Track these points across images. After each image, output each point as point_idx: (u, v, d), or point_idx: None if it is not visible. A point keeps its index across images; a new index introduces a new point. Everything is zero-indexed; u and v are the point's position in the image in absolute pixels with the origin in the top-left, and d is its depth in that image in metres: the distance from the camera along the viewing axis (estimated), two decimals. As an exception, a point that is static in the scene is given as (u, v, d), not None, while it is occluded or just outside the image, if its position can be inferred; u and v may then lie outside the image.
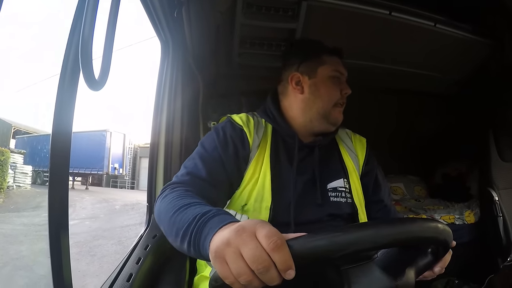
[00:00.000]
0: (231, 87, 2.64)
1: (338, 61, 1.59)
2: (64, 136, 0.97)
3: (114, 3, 0.98)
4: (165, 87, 2.01)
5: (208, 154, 1.36)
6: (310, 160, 1.50)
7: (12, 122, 26.34)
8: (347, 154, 1.62)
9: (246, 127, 1.47)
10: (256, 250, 0.68)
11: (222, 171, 1.35)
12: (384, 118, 2.99)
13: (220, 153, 1.37)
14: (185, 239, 0.88)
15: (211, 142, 1.41)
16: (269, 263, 0.67)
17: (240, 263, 0.68)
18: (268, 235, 0.69)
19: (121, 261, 1.45)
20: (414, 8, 2.07)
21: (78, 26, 0.89)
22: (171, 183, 1.25)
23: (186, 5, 1.74)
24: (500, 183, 2.60)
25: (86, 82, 0.87)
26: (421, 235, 0.81)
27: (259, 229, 0.71)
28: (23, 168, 18.57)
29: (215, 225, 0.80)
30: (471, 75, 2.70)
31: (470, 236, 2.71)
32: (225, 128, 1.46)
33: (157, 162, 2.01)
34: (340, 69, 1.56)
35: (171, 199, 1.08)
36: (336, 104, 1.52)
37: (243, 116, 1.53)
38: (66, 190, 1.01)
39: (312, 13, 1.98)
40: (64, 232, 1.00)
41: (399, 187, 3.39)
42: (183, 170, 1.32)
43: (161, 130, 2.01)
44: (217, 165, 1.34)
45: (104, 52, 0.95)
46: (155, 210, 1.16)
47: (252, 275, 0.68)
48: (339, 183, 1.50)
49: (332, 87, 1.52)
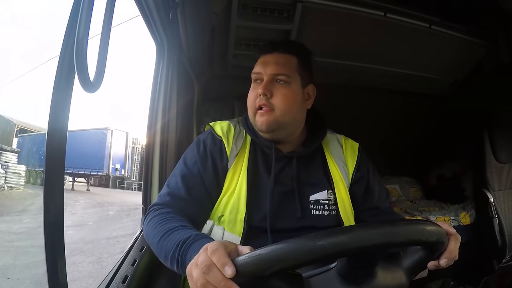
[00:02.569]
0: (226, 89, 2.64)
1: (263, 58, 1.46)
2: (59, 137, 0.96)
3: (109, 5, 0.98)
4: (160, 89, 2.01)
5: (188, 171, 1.37)
6: (289, 171, 1.44)
7: (15, 120, 25.74)
8: (334, 164, 1.52)
9: (225, 137, 1.43)
10: (203, 257, 0.81)
11: (202, 187, 1.34)
12: (379, 119, 3.00)
13: (199, 169, 1.36)
14: (174, 263, 1.01)
15: (192, 157, 1.41)
16: (210, 262, 0.79)
17: (196, 271, 0.81)
18: (211, 247, 0.82)
19: (117, 263, 1.45)
20: (409, 9, 2.08)
21: (73, 27, 0.89)
22: (155, 204, 1.31)
23: (182, 7, 1.73)
24: (495, 185, 2.60)
25: (81, 84, 0.87)
26: (351, 246, 0.76)
27: (210, 245, 0.83)
28: (16, 168, 17.84)
29: (195, 251, 0.90)
30: (466, 76, 2.71)
31: (465, 238, 2.68)
32: (206, 141, 1.43)
33: (152, 165, 2.01)
34: (257, 69, 1.45)
35: (155, 223, 1.17)
36: (255, 109, 1.40)
37: (225, 125, 1.49)
38: (61, 191, 1.01)
39: (307, 14, 1.99)
40: (59, 233, 1.00)
41: (395, 188, 3.39)
42: (165, 190, 1.35)
43: (156, 132, 2.01)
44: (196, 181, 1.34)
45: (99, 54, 0.95)
46: (144, 232, 1.27)
47: (204, 277, 0.79)
48: (322, 195, 1.43)
49: (251, 92, 1.45)
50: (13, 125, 25.06)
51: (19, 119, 27.00)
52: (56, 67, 0.94)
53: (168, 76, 2.02)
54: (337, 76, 2.32)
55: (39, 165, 23.22)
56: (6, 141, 22.41)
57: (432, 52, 2.39)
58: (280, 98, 1.37)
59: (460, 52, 2.44)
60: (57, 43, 1.05)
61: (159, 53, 2.03)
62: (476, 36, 2.34)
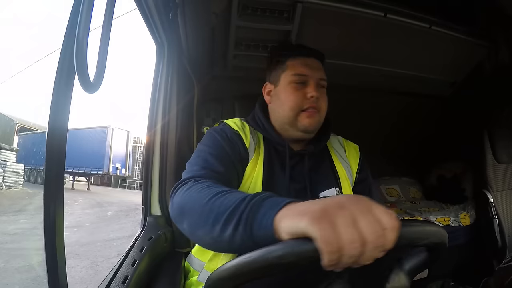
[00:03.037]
0: (226, 90, 2.64)
1: (303, 61, 1.48)
2: (59, 138, 0.96)
3: (109, 5, 0.98)
4: (160, 89, 2.01)
5: (217, 152, 1.32)
6: (301, 168, 1.47)
7: (16, 119, 25.67)
8: (339, 163, 1.58)
9: (242, 131, 1.45)
10: (375, 224, 0.65)
11: (232, 167, 1.33)
12: (378, 120, 3.00)
13: (228, 151, 1.34)
14: (230, 223, 0.84)
15: (215, 141, 1.37)
16: (385, 241, 0.65)
17: (354, 230, 0.63)
18: (388, 212, 0.68)
19: (117, 263, 1.45)
20: (409, 10, 2.08)
21: (73, 28, 0.89)
22: (188, 177, 1.17)
23: (182, 7, 1.73)
24: (495, 185, 2.61)
25: (81, 84, 0.87)
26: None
27: (374, 204, 0.68)
28: (14, 167, 17.82)
29: (275, 204, 0.77)
30: (466, 77, 2.71)
31: (465, 238, 2.72)
32: (225, 129, 1.43)
33: (152, 166, 2.00)
34: (303, 71, 1.46)
35: (200, 188, 1.03)
36: (301, 110, 1.43)
37: (237, 121, 1.51)
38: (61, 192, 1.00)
39: (307, 15, 1.99)
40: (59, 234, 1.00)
41: (395, 189, 3.39)
42: (195, 166, 1.26)
43: (156, 132, 2.00)
44: (228, 161, 1.32)
45: (99, 54, 0.95)
46: (175, 203, 1.10)
47: (362, 248, 0.63)
48: (331, 192, 1.47)
49: (293, 92, 1.44)
50: (14, 124, 24.96)
51: (20, 118, 27.04)
52: (56, 68, 0.94)
53: (168, 76, 2.02)
54: (337, 77, 2.30)
55: (39, 164, 23.28)
56: (7, 140, 22.33)
57: (432, 52, 2.39)
58: (323, 102, 1.46)
59: (460, 52, 2.44)
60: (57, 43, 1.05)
61: (159, 54, 2.02)
62: (476, 37, 2.34)
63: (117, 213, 13.56)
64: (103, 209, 14.56)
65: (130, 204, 16.26)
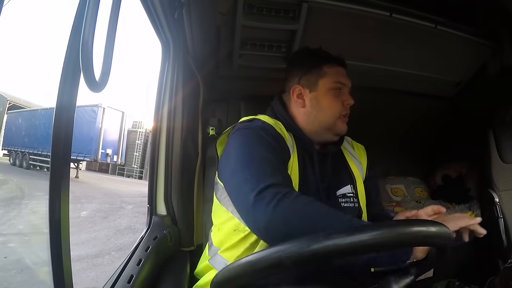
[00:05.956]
0: (231, 90, 2.64)
1: (341, 71, 1.58)
2: (65, 139, 0.97)
3: (115, 5, 0.98)
4: (165, 89, 2.01)
5: (275, 154, 1.31)
6: (325, 167, 1.51)
7: (8, 96, 23.53)
8: (352, 161, 1.65)
9: (279, 129, 1.45)
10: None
11: (285, 167, 1.37)
12: (384, 120, 2.99)
13: (279, 150, 1.36)
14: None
15: (265, 141, 1.34)
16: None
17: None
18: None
19: (122, 262, 1.45)
20: (414, 9, 2.08)
21: (78, 27, 0.89)
22: (276, 183, 1.18)
23: (187, 6, 1.73)
24: (500, 185, 2.60)
25: (86, 83, 0.87)
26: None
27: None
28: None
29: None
30: (471, 76, 2.70)
31: (470, 238, 2.71)
32: (266, 127, 1.40)
33: (158, 165, 2.00)
34: (342, 80, 1.55)
35: (307, 201, 1.12)
36: (339, 116, 1.52)
37: (268, 119, 1.48)
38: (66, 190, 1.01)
39: (313, 14, 1.99)
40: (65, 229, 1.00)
41: (400, 188, 3.38)
42: (268, 168, 1.25)
43: (161, 132, 2.01)
44: (283, 160, 1.36)
45: (105, 53, 0.96)
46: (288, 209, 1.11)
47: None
48: (347, 189, 1.53)
49: (334, 99, 1.52)
50: (5, 101, 22.80)
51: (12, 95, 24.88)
52: (62, 67, 0.94)
53: (174, 76, 2.02)
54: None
55: (26, 146, 21.24)
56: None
57: (438, 52, 2.39)
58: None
59: (465, 52, 2.43)
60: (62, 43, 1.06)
61: (165, 53, 2.02)
62: (482, 37, 2.33)
63: (94, 214, 10.72)
64: (77, 208, 11.07)
65: (116, 200, 13.47)
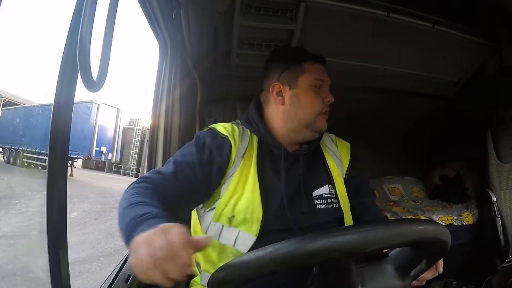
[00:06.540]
0: (229, 90, 2.64)
1: (320, 68, 1.55)
2: (62, 138, 0.97)
3: (112, 4, 0.98)
4: (163, 89, 2.00)
5: (181, 158, 1.37)
6: (295, 169, 1.49)
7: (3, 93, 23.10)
8: (331, 159, 1.61)
9: (231, 136, 1.44)
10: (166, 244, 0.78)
11: (190, 171, 1.34)
12: (382, 119, 3.00)
13: (193, 158, 1.37)
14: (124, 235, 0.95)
15: (188, 147, 1.42)
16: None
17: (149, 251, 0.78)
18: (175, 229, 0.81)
19: (119, 262, 1.45)
20: (412, 9, 2.08)
21: (76, 27, 0.89)
22: (143, 176, 1.29)
23: (185, 6, 1.73)
24: (498, 184, 2.60)
25: (84, 83, 0.87)
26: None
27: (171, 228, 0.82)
28: None
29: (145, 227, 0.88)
30: (470, 76, 2.71)
31: (468, 237, 2.72)
32: (205, 136, 1.44)
33: (155, 165, 2.00)
34: (322, 77, 1.52)
35: (130, 194, 1.12)
36: (320, 113, 1.49)
37: (227, 126, 1.51)
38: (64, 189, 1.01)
39: (310, 14, 1.99)
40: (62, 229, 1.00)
41: (398, 188, 3.39)
42: (157, 168, 1.38)
43: (158, 132, 2.00)
44: (186, 166, 1.35)
45: (102, 53, 0.96)
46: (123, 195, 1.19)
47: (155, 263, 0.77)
48: (324, 190, 1.49)
49: (314, 96, 1.49)
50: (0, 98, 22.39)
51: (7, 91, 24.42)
52: (59, 67, 0.94)
53: (171, 76, 2.01)
54: (339, 76, 2.29)
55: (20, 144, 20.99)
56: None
57: (436, 52, 2.39)
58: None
59: (463, 52, 2.43)
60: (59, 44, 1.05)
61: (162, 53, 2.02)
62: (480, 37, 2.33)
63: (85, 215, 10.15)
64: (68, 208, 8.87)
65: (109, 200, 12.92)
